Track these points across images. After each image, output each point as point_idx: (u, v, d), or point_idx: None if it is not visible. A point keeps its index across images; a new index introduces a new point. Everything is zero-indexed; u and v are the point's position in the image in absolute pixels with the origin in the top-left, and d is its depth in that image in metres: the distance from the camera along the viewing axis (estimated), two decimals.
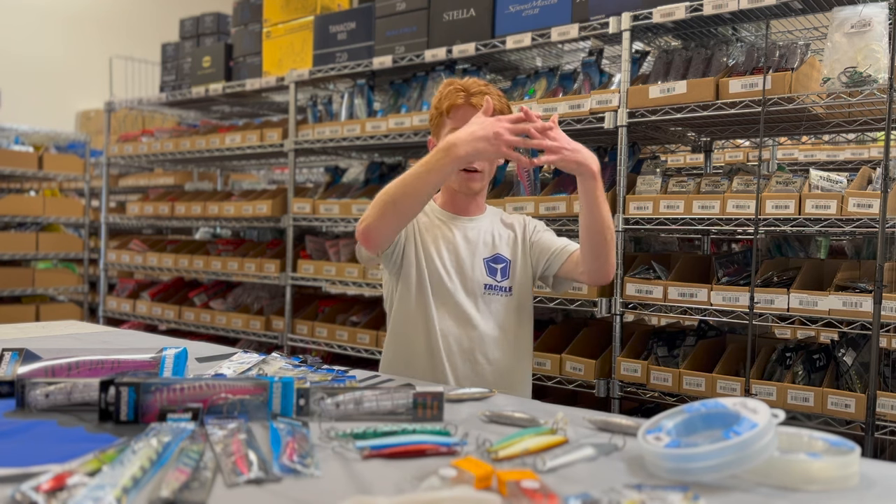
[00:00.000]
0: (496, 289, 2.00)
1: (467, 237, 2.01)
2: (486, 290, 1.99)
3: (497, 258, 2.02)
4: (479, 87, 1.96)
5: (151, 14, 8.23)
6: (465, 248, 2.00)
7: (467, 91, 1.95)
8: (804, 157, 3.73)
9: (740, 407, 1.04)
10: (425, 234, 2.01)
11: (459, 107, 1.95)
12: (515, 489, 0.90)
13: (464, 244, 2.00)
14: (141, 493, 0.90)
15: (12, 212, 5.36)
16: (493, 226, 2.07)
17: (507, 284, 2.01)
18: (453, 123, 1.95)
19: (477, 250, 2.01)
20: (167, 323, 4.30)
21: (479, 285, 1.99)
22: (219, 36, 4.42)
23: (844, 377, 2.31)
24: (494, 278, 2.00)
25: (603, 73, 2.88)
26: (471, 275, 1.98)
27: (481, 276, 1.99)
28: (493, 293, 2.00)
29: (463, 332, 1.96)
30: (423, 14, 3.21)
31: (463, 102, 1.94)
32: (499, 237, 2.05)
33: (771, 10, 2.45)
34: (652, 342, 2.74)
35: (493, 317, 1.99)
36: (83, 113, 7.73)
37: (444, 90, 1.99)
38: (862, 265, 2.42)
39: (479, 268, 2.00)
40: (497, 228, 2.07)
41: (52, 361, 1.43)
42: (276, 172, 5.84)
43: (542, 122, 1.76)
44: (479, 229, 2.04)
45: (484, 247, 2.02)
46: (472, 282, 1.98)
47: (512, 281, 2.01)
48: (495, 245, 2.03)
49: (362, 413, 1.26)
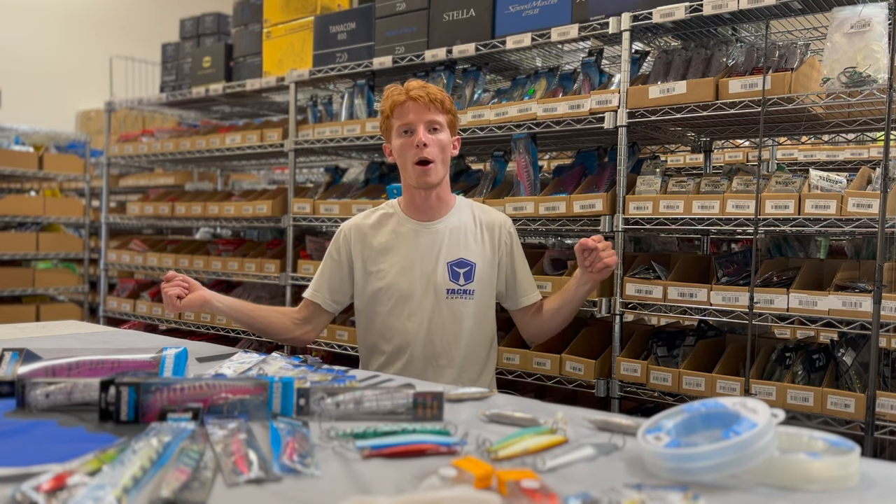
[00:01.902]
0: (458, 292, 2.05)
1: (429, 242, 2.07)
2: (449, 294, 2.04)
3: (461, 262, 2.06)
4: (417, 83, 2.05)
5: (151, 14, 8.23)
6: (426, 254, 2.05)
7: (406, 88, 2.03)
8: (804, 157, 3.73)
9: (740, 407, 1.04)
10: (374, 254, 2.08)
11: (400, 104, 2.02)
12: (515, 489, 0.90)
13: (425, 250, 2.06)
14: (141, 493, 0.90)
15: (12, 212, 5.36)
16: (461, 224, 2.10)
17: (471, 287, 2.06)
18: (398, 121, 2.03)
19: (440, 254, 2.06)
20: (167, 323, 4.29)
21: (441, 290, 2.03)
22: (219, 36, 4.42)
23: (844, 377, 2.31)
24: (457, 282, 2.05)
25: (603, 74, 2.88)
26: (433, 281, 2.03)
27: (443, 280, 2.04)
28: (456, 297, 2.04)
29: (426, 338, 2.03)
30: (423, 14, 3.21)
31: (404, 99, 2.01)
32: (465, 238, 2.09)
33: (771, 11, 2.46)
34: (652, 342, 2.74)
35: (455, 320, 2.04)
36: (83, 113, 7.73)
37: (385, 93, 2.08)
38: (861, 265, 2.42)
39: (442, 272, 2.04)
40: (466, 227, 2.10)
41: (53, 361, 1.43)
42: (276, 172, 5.84)
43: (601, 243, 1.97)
44: (443, 232, 2.08)
45: (448, 250, 2.07)
46: (434, 287, 2.03)
47: (476, 284, 2.06)
48: (460, 247, 2.07)
49: (362, 413, 1.26)
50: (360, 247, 2.11)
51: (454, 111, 2.10)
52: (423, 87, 2.03)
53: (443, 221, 2.10)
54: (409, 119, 2.02)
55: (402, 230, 2.09)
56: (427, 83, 2.07)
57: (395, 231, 2.10)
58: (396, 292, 2.05)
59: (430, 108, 2.01)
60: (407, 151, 2.03)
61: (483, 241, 2.11)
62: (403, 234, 2.09)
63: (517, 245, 2.19)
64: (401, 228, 2.10)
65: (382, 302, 2.07)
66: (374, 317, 2.09)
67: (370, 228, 2.12)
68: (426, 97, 2.01)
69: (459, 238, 2.09)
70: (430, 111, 2.02)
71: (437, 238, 2.07)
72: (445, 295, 2.04)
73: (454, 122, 2.11)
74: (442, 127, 2.04)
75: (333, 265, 2.15)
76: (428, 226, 2.09)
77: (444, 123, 2.05)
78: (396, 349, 2.07)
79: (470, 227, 2.12)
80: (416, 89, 2.02)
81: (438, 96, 2.02)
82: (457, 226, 2.10)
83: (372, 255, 2.09)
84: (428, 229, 2.09)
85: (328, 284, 2.14)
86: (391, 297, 2.06)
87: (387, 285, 2.05)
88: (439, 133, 2.04)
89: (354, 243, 2.11)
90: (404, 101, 2.02)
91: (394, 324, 2.06)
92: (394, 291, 2.05)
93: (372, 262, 2.09)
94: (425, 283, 2.04)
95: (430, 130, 2.03)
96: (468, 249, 2.08)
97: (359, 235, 2.12)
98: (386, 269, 2.06)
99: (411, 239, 2.08)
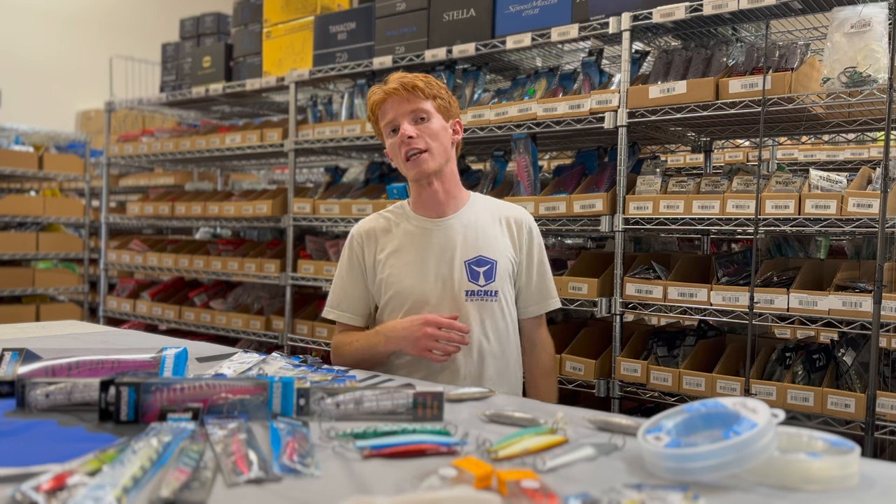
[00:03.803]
0: (480, 294, 1.86)
1: (443, 240, 1.89)
2: (468, 296, 1.85)
3: (480, 260, 1.88)
4: (396, 76, 1.91)
5: (151, 14, 8.23)
6: (440, 254, 1.88)
7: (384, 85, 1.90)
8: (804, 157, 3.74)
9: (740, 407, 1.04)
10: (384, 258, 1.92)
11: (380, 102, 1.90)
12: (515, 489, 0.90)
13: (439, 249, 1.89)
14: (141, 493, 0.90)
15: (12, 212, 5.35)
16: (477, 219, 1.93)
17: (493, 287, 1.87)
18: (383, 121, 1.91)
19: (456, 253, 1.88)
20: (167, 323, 4.29)
21: (460, 292, 1.85)
22: (219, 36, 4.42)
23: (844, 377, 2.31)
24: (477, 283, 1.86)
25: (603, 73, 2.88)
26: (450, 283, 1.86)
27: (462, 282, 1.86)
28: (478, 299, 1.86)
29: None
30: (423, 14, 3.21)
31: (381, 97, 1.89)
32: (483, 233, 1.91)
33: (771, 11, 2.46)
34: (652, 342, 2.74)
35: (479, 325, 1.86)
36: (83, 113, 7.73)
37: (368, 95, 1.96)
38: (862, 265, 2.42)
39: (459, 272, 1.86)
40: (483, 222, 1.93)
41: (52, 361, 1.43)
42: (276, 172, 5.84)
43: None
44: (457, 228, 1.91)
45: (464, 247, 1.88)
46: (451, 290, 1.85)
47: (499, 283, 1.88)
48: (478, 244, 1.89)
49: (362, 413, 1.26)
50: (373, 250, 1.94)
51: (442, 94, 1.92)
52: (398, 79, 1.87)
53: (456, 217, 1.92)
54: (390, 117, 1.88)
55: (412, 229, 1.92)
56: (406, 73, 1.92)
57: (405, 231, 1.92)
58: (410, 297, 1.86)
59: (409, 99, 1.86)
60: (397, 150, 1.88)
61: (503, 237, 1.93)
62: (414, 234, 1.91)
63: (538, 244, 1.99)
64: (411, 228, 1.92)
65: (395, 308, 1.88)
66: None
67: (380, 232, 1.95)
68: (401, 88, 1.85)
69: (477, 233, 1.90)
70: (411, 101, 1.86)
71: (451, 235, 1.89)
72: (464, 297, 1.85)
73: (446, 107, 1.92)
74: (430, 115, 1.87)
75: (352, 275, 1.97)
76: (439, 222, 1.91)
77: (432, 109, 1.88)
78: (413, 359, 1.86)
79: (487, 222, 1.93)
80: (391, 83, 1.87)
81: (417, 83, 1.86)
82: (472, 221, 1.92)
83: (383, 258, 1.91)
84: (440, 226, 1.91)
85: (349, 299, 1.96)
86: (404, 303, 1.87)
87: (398, 291, 1.87)
88: (428, 122, 1.87)
89: (367, 247, 1.95)
90: (383, 100, 1.88)
91: None
92: (406, 296, 1.86)
93: (383, 266, 1.91)
94: (441, 286, 1.86)
95: (415, 122, 1.86)
96: (487, 245, 1.89)
97: (369, 239, 1.95)
98: (397, 273, 1.88)
99: (423, 238, 1.90)
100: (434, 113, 1.88)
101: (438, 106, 1.90)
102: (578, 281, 2.66)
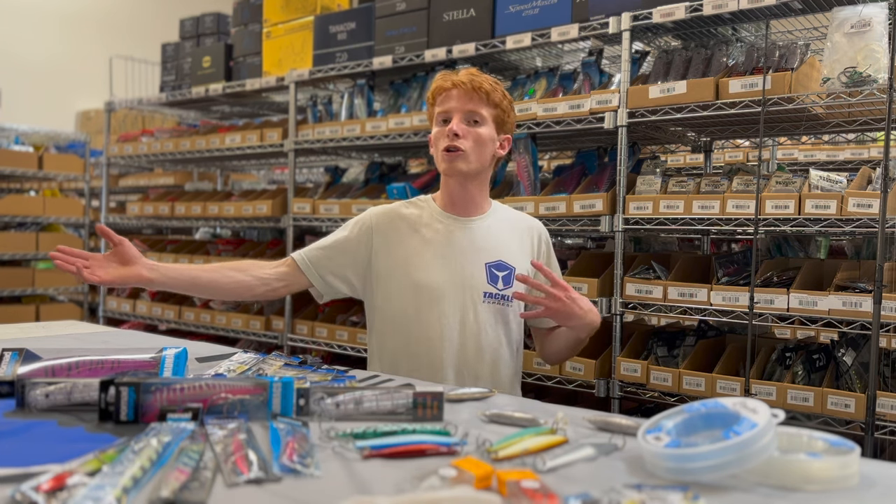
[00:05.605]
0: (497, 297, 1.87)
1: (467, 239, 1.89)
2: (486, 298, 1.86)
3: (500, 265, 1.89)
4: (471, 71, 1.89)
5: (151, 14, 8.23)
6: (461, 252, 1.88)
7: (453, 75, 1.88)
8: (804, 157, 3.74)
9: (740, 407, 1.04)
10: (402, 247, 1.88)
11: (443, 89, 1.88)
12: (515, 489, 0.90)
13: (461, 247, 1.88)
14: (141, 493, 0.90)
15: (12, 212, 5.35)
16: (500, 225, 1.94)
17: (509, 293, 1.88)
18: (438, 108, 1.88)
19: (479, 254, 1.88)
20: (167, 323, 4.29)
21: (479, 293, 1.86)
22: (219, 36, 4.42)
23: (844, 377, 2.31)
24: (496, 286, 1.86)
25: (603, 73, 2.88)
26: (469, 282, 1.86)
27: (481, 282, 1.86)
28: (494, 301, 1.87)
29: (458, 342, 1.85)
30: (423, 14, 3.21)
31: (447, 85, 1.86)
32: (505, 240, 1.92)
33: (771, 11, 2.46)
34: (652, 342, 2.74)
35: (492, 328, 1.87)
36: (83, 113, 7.73)
37: (436, 78, 1.93)
38: (862, 265, 2.42)
39: (480, 273, 1.86)
40: (504, 231, 1.94)
41: (52, 361, 1.43)
42: (276, 172, 5.84)
43: None
44: (482, 229, 1.91)
45: (486, 250, 1.89)
46: (471, 289, 1.85)
47: (515, 291, 1.88)
48: (500, 249, 1.90)
49: (362, 413, 1.26)
50: (388, 236, 1.89)
51: (505, 107, 1.89)
52: (470, 75, 1.84)
53: (481, 219, 1.92)
54: (447, 106, 1.85)
55: (436, 224, 1.90)
56: (482, 73, 1.88)
57: (428, 225, 1.90)
58: (426, 290, 1.84)
59: (472, 98, 1.83)
60: (439, 140, 1.85)
61: (522, 247, 1.94)
62: (437, 229, 1.89)
63: (552, 256, 2.01)
64: (435, 223, 1.90)
65: (408, 299, 1.85)
66: (396, 316, 1.89)
67: (402, 220, 1.91)
68: (469, 84, 1.82)
69: (500, 239, 1.90)
70: (472, 101, 1.83)
71: (475, 235, 1.89)
72: (482, 299, 1.85)
73: (503, 120, 1.89)
74: (483, 120, 1.85)
75: (347, 242, 1.93)
76: (465, 222, 1.91)
77: (488, 117, 1.85)
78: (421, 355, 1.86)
79: (508, 230, 1.94)
80: (461, 76, 1.85)
81: (485, 87, 1.83)
82: (495, 226, 1.93)
83: (400, 247, 1.88)
84: (465, 226, 1.90)
85: (327, 257, 1.93)
86: (418, 296, 1.84)
87: (415, 282, 1.85)
88: (479, 126, 1.84)
89: (382, 230, 1.91)
90: (447, 88, 1.85)
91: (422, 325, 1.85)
92: (422, 288, 1.84)
93: (398, 255, 1.88)
94: (461, 283, 1.84)
95: (468, 122, 1.84)
96: (508, 252, 1.90)
97: (390, 224, 1.91)
98: (416, 264, 1.86)
99: (446, 234, 1.89)
100: (489, 121, 1.87)
101: (495, 116, 1.88)
102: (578, 281, 2.66)
